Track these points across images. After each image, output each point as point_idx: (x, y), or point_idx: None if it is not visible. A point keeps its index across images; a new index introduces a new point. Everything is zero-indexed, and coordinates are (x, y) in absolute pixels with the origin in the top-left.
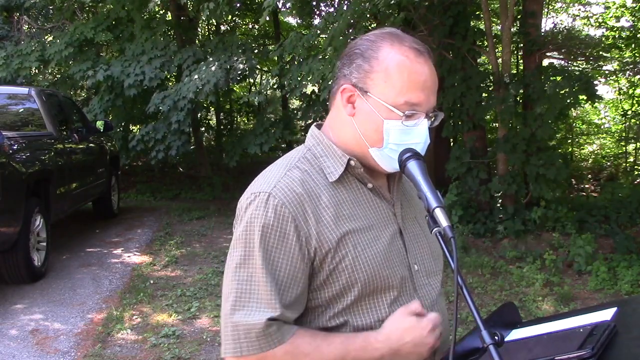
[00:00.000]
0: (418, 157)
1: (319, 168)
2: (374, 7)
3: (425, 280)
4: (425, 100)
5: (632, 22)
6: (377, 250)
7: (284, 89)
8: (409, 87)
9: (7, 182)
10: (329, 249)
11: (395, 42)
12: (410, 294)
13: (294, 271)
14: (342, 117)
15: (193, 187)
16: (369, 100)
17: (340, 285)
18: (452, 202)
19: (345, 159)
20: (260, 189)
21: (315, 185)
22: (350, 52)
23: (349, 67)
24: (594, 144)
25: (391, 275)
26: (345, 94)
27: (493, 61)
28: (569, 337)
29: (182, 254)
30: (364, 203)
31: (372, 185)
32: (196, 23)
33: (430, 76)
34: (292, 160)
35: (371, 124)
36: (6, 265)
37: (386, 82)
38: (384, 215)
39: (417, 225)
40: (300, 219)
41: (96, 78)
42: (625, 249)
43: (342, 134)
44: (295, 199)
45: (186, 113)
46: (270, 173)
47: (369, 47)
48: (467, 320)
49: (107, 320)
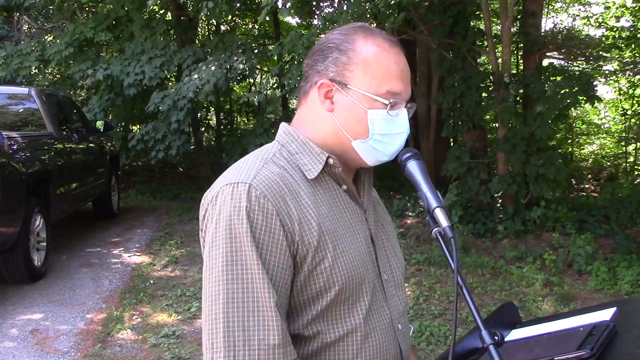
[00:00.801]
0: (418, 157)
1: (295, 165)
2: (374, 7)
3: (394, 291)
4: (405, 89)
5: (632, 22)
6: (354, 253)
7: (283, 89)
8: (389, 77)
9: (7, 182)
10: (310, 249)
11: (368, 34)
12: (381, 304)
13: (283, 272)
14: (318, 113)
15: (193, 187)
16: (349, 92)
17: (318, 288)
18: (452, 202)
19: (324, 156)
20: (237, 180)
21: (294, 181)
22: (323, 47)
23: (323, 62)
24: (594, 144)
25: (366, 281)
26: (322, 89)
27: (493, 61)
28: (568, 337)
29: (182, 254)
30: (340, 204)
31: (346, 187)
32: (196, 23)
33: (405, 66)
34: (267, 155)
35: (353, 116)
36: (6, 265)
37: (366, 72)
38: (358, 219)
39: (385, 233)
40: (284, 214)
41: (96, 77)
42: (625, 249)
43: (319, 131)
44: (277, 192)
45: (186, 113)
46: (245, 165)
47: (343, 40)
48: (467, 320)
49: (107, 320)
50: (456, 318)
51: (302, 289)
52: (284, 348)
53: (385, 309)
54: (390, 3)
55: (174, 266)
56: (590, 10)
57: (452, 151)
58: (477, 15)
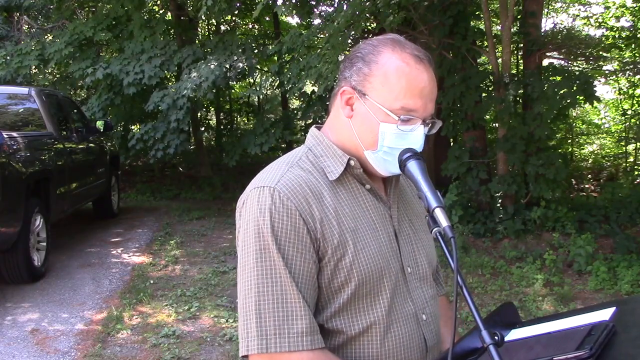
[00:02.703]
0: (418, 157)
1: (320, 167)
2: (373, 7)
3: (418, 284)
4: (422, 106)
5: (632, 22)
6: (375, 249)
7: (282, 87)
8: (406, 93)
9: (7, 182)
10: (331, 246)
11: (396, 47)
12: (404, 297)
13: (308, 266)
14: (341, 118)
15: (193, 187)
16: (366, 103)
17: (339, 283)
18: (452, 202)
19: (345, 158)
20: (263, 184)
21: (318, 183)
22: (352, 56)
23: (349, 70)
24: (594, 144)
25: (387, 275)
26: (344, 95)
27: (493, 61)
28: (567, 337)
29: (182, 254)
30: (362, 203)
31: (369, 186)
32: (196, 23)
33: (429, 83)
34: (294, 159)
35: (367, 126)
36: (6, 265)
37: (384, 86)
38: (381, 217)
39: (412, 228)
40: (306, 214)
41: (95, 76)
42: (625, 249)
43: (341, 135)
44: (299, 194)
45: (185, 112)
46: (272, 170)
47: (370, 52)
48: (467, 320)
49: (107, 320)
50: (456, 318)
51: (325, 285)
52: (312, 336)
53: (409, 301)
54: (390, 3)
55: (174, 266)
56: (590, 10)
57: (452, 151)
58: (477, 15)
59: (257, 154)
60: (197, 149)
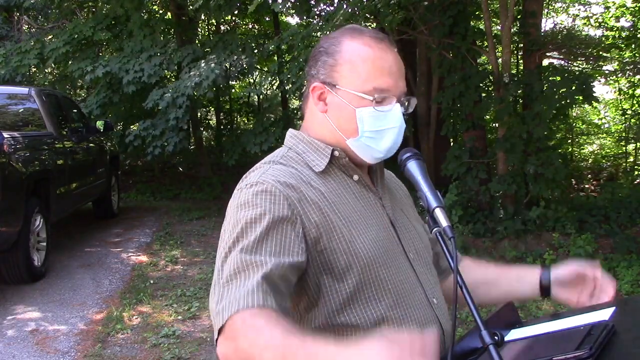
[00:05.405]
0: (418, 157)
1: (304, 163)
2: (373, 6)
3: (422, 269)
4: (394, 84)
5: (632, 22)
6: (374, 235)
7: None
8: (375, 74)
9: (7, 182)
10: (321, 231)
11: (355, 34)
12: (413, 282)
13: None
14: (317, 115)
15: (193, 187)
16: (338, 93)
17: (340, 268)
18: (452, 202)
19: (329, 150)
20: (246, 184)
21: (303, 174)
22: (315, 53)
23: (315, 67)
24: (594, 144)
25: (392, 260)
26: (315, 92)
27: (493, 61)
28: (567, 337)
29: (182, 254)
30: (352, 194)
31: (357, 177)
32: (196, 23)
33: (394, 62)
34: (274, 158)
35: (344, 115)
36: (6, 265)
37: (352, 72)
38: (372, 206)
39: (405, 216)
40: (293, 199)
41: (95, 74)
42: (625, 249)
43: (320, 131)
44: (284, 183)
45: (185, 110)
46: (253, 171)
47: (331, 44)
48: (467, 320)
49: (107, 320)
50: (455, 318)
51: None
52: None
53: (418, 286)
54: (390, 2)
55: (174, 266)
56: (590, 10)
57: (452, 151)
58: (477, 15)
59: (256, 153)
60: (197, 149)
